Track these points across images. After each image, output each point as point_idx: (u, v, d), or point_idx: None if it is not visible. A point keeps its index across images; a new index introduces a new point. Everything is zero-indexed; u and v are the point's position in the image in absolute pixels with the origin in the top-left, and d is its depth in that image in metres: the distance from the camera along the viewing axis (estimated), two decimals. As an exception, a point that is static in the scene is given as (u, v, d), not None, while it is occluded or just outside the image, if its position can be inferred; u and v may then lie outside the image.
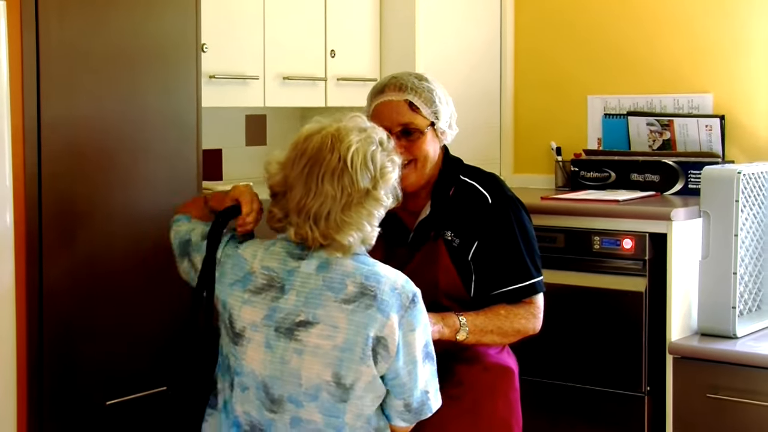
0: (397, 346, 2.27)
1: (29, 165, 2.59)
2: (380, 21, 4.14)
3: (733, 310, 3.66)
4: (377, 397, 2.32)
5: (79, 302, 2.71)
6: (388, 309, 2.26)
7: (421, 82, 2.77)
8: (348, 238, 2.29)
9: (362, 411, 2.30)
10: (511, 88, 4.68)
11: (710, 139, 4.18)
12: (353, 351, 2.26)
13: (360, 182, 2.29)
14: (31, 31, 2.57)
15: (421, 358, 2.32)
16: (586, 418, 3.87)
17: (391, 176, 2.36)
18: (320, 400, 2.29)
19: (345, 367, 2.26)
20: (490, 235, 2.76)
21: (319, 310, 2.28)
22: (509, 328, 2.74)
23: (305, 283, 2.30)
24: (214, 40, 3.36)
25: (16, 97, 2.55)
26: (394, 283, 2.29)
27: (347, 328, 2.26)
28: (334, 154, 2.30)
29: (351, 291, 2.27)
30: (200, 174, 2.99)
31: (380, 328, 2.26)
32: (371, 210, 2.32)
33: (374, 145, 2.35)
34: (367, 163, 2.31)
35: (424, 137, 2.75)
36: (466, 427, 2.76)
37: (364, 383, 2.28)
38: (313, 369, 2.28)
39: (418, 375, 2.31)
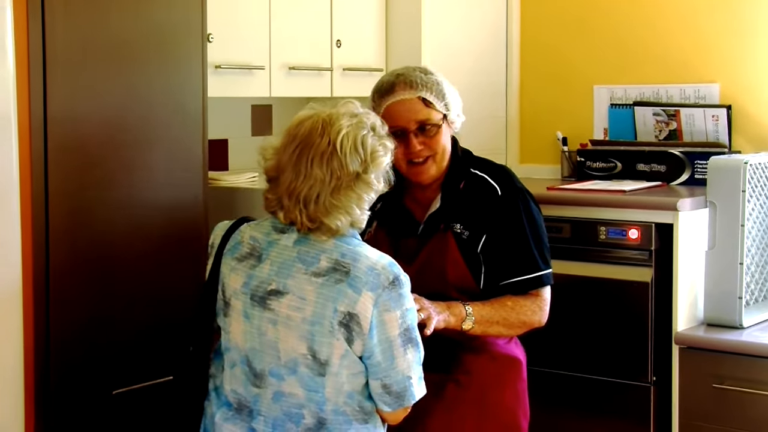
0: (370, 324, 2.28)
1: (36, 156, 2.59)
2: (386, 11, 4.14)
3: (740, 301, 3.66)
4: (353, 375, 2.32)
5: (86, 293, 2.71)
6: (360, 286, 2.27)
7: (428, 76, 2.77)
8: (336, 222, 2.31)
9: (341, 387, 2.32)
10: (517, 79, 4.67)
11: (717, 129, 4.17)
12: (322, 324, 2.28)
13: (349, 166, 2.31)
14: (37, 23, 2.57)
15: (400, 342, 2.31)
16: (592, 408, 3.87)
17: (382, 160, 2.37)
18: (299, 374, 2.31)
19: (317, 341, 2.29)
20: (499, 226, 2.76)
21: (289, 281, 2.32)
22: (515, 319, 2.75)
23: (280, 254, 2.35)
24: (219, 31, 3.36)
25: (23, 89, 2.55)
26: (374, 264, 2.30)
27: (315, 300, 2.29)
28: (324, 138, 2.32)
29: (323, 266, 2.30)
30: (206, 164, 2.99)
31: (351, 305, 2.27)
32: (361, 194, 2.34)
33: (365, 129, 2.37)
34: (357, 146, 2.33)
35: (440, 131, 2.75)
36: (473, 415, 2.77)
37: (338, 358, 2.29)
38: (288, 342, 2.31)
39: (396, 357, 2.31)
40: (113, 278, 2.77)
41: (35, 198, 2.59)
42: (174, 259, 2.90)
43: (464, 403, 2.77)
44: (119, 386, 2.78)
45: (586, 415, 3.89)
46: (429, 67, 2.84)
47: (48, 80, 2.60)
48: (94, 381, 2.74)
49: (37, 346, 2.61)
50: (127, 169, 2.80)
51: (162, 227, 2.87)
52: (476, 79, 4.40)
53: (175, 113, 2.90)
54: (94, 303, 2.73)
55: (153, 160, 2.86)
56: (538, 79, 4.65)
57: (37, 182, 2.59)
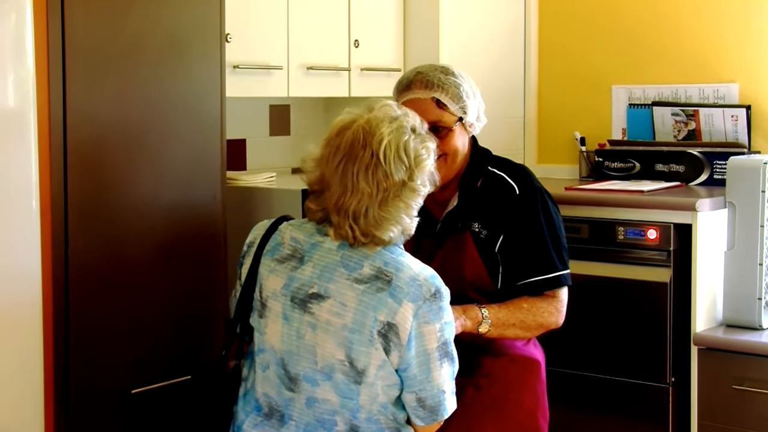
0: (409, 336, 2.26)
1: (55, 156, 2.60)
2: (404, 11, 4.14)
3: (759, 302, 3.64)
4: (389, 387, 2.31)
5: (105, 292, 2.72)
6: (402, 296, 2.26)
7: (447, 77, 2.75)
8: (388, 234, 2.30)
9: (375, 397, 2.31)
10: (535, 79, 4.66)
11: (736, 129, 4.15)
12: (362, 333, 2.26)
13: (394, 175, 2.29)
14: (57, 24, 2.58)
15: (437, 356, 2.30)
16: (611, 409, 3.86)
17: (426, 163, 2.35)
18: (335, 380, 2.30)
19: (356, 349, 2.27)
20: (517, 226, 2.75)
21: (330, 285, 2.30)
22: (532, 321, 2.74)
23: (323, 257, 2.33)
24: (238, 31, 3.37)
25: (43, 88, 2.56)
26: (416, 275, 2.29)
27: (356, 307, 2.27)
28: (367, 150, 2.29)
29: (366, 272, 2.28)
30: (224, 164, 2.99)
31: (391, 314, 2.25)
32: (409, 202, 2.32)
33: (406, 134, 2.34)
34: (400, 154, 2.30)
35: (452, 133, 2.74)
36: (494, 418, 2.76)
37: (375, 368, 2.28)
38: (326, 347, 2.29)
39: (432, 371, 2.30)
40: (132, 278, 2.78)
41: (54, 198, 2.60)
42: (192, 259, 2.90)
43: (484, 406, 2.76)
44: (138, 386, 2.79)
45: (604, 416, 3.88)
46: (453, 68, 2.81)
47: (67, 80, 2.61)
48: (113, 380, 2.74)
49: (56, 345, 2.62)
50: (146, 169, 2.80)
51: (180, 227, 2.88)
52: (494, 79, 4.39)
53: (193, 113, 2.91)
54: (113, 302, 2.74)
55: (171, 160, 2.86)
56: (556, 79, 4.64)
57: (56, 182, 2.60)
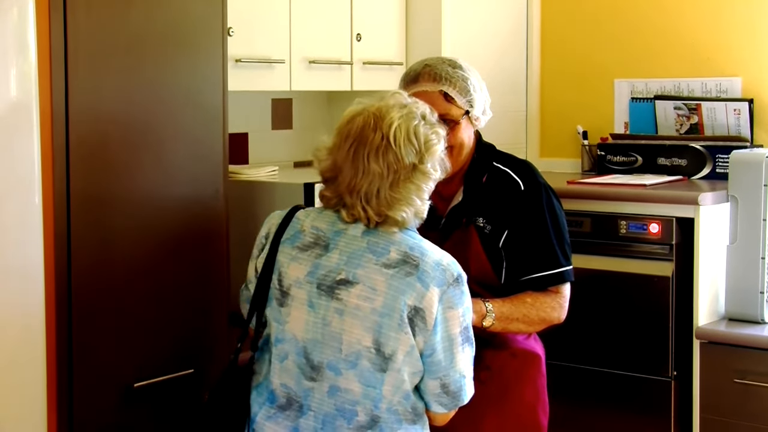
0: (435, 320, 2.28)
1: (57, 151, 2.59)
2: (406, 5, 4.13)
3: (761, 295, 3.65)
4: (414, 374, 2.32)
5: (107, 285, 2.72)
6: (429, 281, 2.28)
7: (455, 71, 2.76)
8: (401, 214, 2.32)
9: (400, 385, 2.31)
10: (537, 72, 4.66)
11: (738, 123, 4.15)
12: (392, 317, 2.27)
13: (405, 158, 2.33)
14: (59, 18, 2.58)
15: (460, 340, 2.33)
16: (613, 402, 3.87)
17: (436, 148, 2.38)
18: (359, 368, 2.30)
19: (384, 334, 2.28)
20: (521, 221, 2.76)
21: (359, 270, 2.31)
22: (535, 316, 2.74)
23: (349, 244, 2.35)
24: (240, 24, 3.36)
25: (45, 83, 2.56)
26: (440, 260, 2.32)
27: (386, 291, 2.29)
28: (377, 133, 2.33)
29: (393, 257, 2.31)
30: (226, 158, 2.99)
31: (419, 299, 2.28)
32: (420, 184, 2.35)
33: (416, 119, 2.37)
34: (410, 138, 2.34)
35: (459, 126, 2.74)
36: (494, 411, 2.77)
37: (402, 353, 2.28)
38: (353, 333, 2.29)
39: (456, 355, 2.32)
40: (134, 272, 2.78)
41: (57, 193, 2.60)
42: (195, 253, 2.91)
43: (484, 399, 2.76)
44: (141, 379, 2.79)
45: (606, 410, 3.89)
46: (460, 61, 2.81)
47: (69, 75, 2.61)
48: (115, 374, 2.75)
49: (59, 339, 2.62)
50: (148, 163, 2.80)
51: (182, 221, 2.88)
52: (497, 73, 4.39)
53: (195, 107, 2.91)
54: (115, 296, 2.74)
55: (173, 154, 2.86)
56: (558, 73, 4.64)
57: (58, 177, 2.60)
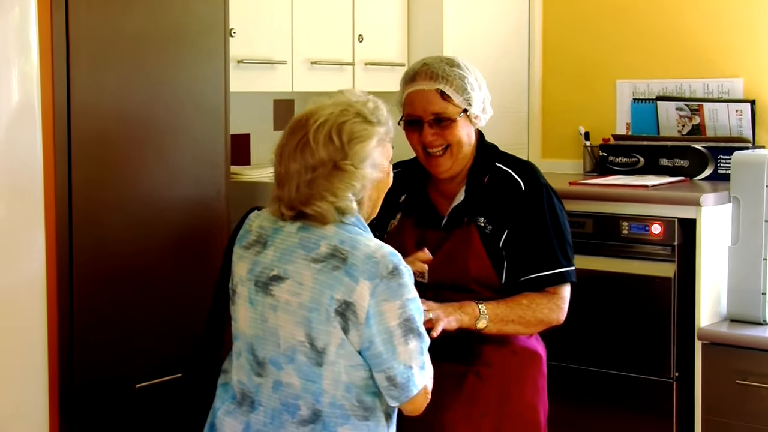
0: (367, 314, 2.25)
1: (59, 149, 2.60)
2: (408, 6, 4.14)
3: (763, 296, 3.64)
4: (352, 367, 2.30)
5: (109, 286, 2.73)
6: (357, 274, 2.26)
7: (452, 69, 2.76)
8: (314, 208, 2.31)
9: (339, 377, 2.30)
10: (539, 73, 4.66)
11: (740, 124, 4.15)
12: (319, 311, 2.27)
13: (322, 155, 2.31)
14: (61, 16, 2.59)
15: (401, 332, 2.28)
16: (614, 403, 3.86)
17: (362, 145, 2.33)
18: (297, 362, 2.30)
19: (315, 328, 2.28)
20: (522, 221, 2.76)
21: (289, 266, 2.32)
22: (531, 317, 2.73)
23: (284, 241, 2.36)
24: (242, 25, 3.36)
25: (46, 81, 2.56)
26: (373, 252, 2.28)
27: (312, 286, 2.28)
28: (301, 130, 2.34)
29: (322, 251, 2.30)
30: (228, 158, 3.00)
31: (347, 293, 2.26)
32: (342, 181, 2.32)
33: (347, 116, 2.34)
34: (331, 135, 2.32)
35: (456, 124, 2.75)
36: (493, 409, 2.77)
37: (335, 347, 2.28)
38: (287, 328, 2.31)
39: (397, 347, 2.27)
40: (136, 272, 2.78)
41: (59, 190, 2.60)
42: (196, 253, 2.91)
43: (484, 396, 2.76)
44: (142, 380, 2.80)
45: (608, 411, 3.88)
46: (459, 60, 2.81)
47: (71, 73, 2.61)
48: (117, 375, 2.75)
49: (61, 339, 2.62)
50: (150, 163, 2.81)
51: (184, 221, 2.88)
52: (498, 74, 4.39)
53: (197, 107, 2.91)
54: (117, 297, 2.74)
55: (175, 154, 2.87)
56: (560, 74, 4.64)
57: (60, 175, 2.60)
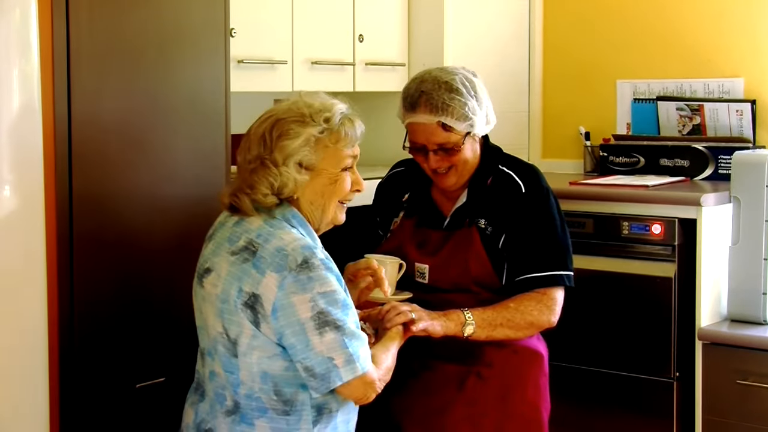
0: (274, 306, 2.26)
1: (60, 152, 2.60)
2: (408, 5, 4.13)
3: (764, 296, 3.64)
4: (268, 358, 2.30)
5: (110, 288, 2.73)
6: (265, 267, 2.27)
7: (452, 96, 2.71)
8: (234, 199, 2.37)
9: (252, 368, 2.31)
10: (539, 73, 4.66)
11: (741, 124, 4.15)
12: (228, 302, 2.31)
13: (252, 150, 2.38)
14: (62, 20, 2.58)
15: (314, 325, 2.25)
16: (615, 403, 3.86)
17: (286, 143, 2.35)
18: (219, 353, 2.35)
19: (227, 319, 2.32)
20: (520, 223, 2.76)
21: (216, 258, 2.38)
22: (521, 320, 2.71)
23: (221, 235, 2.42)
24: (242, 25, 3.36)
25: (47, 84, 2.56)
26: (284, 246, 2.29)
27: (225, 278, 2.33)
28: (251, 126, 2.43)
29: (240, 245, 2.34)
30: (228, 159, 3.00)
31: (254, 285, 2.28)
32: (259, 175, 2.35)
33: (287, 115, 2.37)
34: (264, 132, 2.37)
35: (461, 148, 2.73)
36: (495, 409, 2.77)
37: (246, 338, 2.30)
38: (210, 319, 2.37)
39: (311, 339, 2.26)
40: (136, 273, 2.78)
41: (59, 193, 2.60)
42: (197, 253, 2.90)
43: (486, 397, 2.77)
44: (142, 380, 2.80)
45: (609, 411, 3.88)
46: (457, 79, 2.73)
47: (72, 76, 2.61)
48: (117, 374, 2.75)
49: (61, 339, 2.62)
50: (150, 164, 2.81)
51: (185, 222, 2.88)
52: (499, 74, 4.39)
53: (198, 108, 2.91)
54: (117, 297, 2.74)
55: (176, 155, 2.87)
56: (560, 74, 4.64)
57: (61, 177, 2.60)
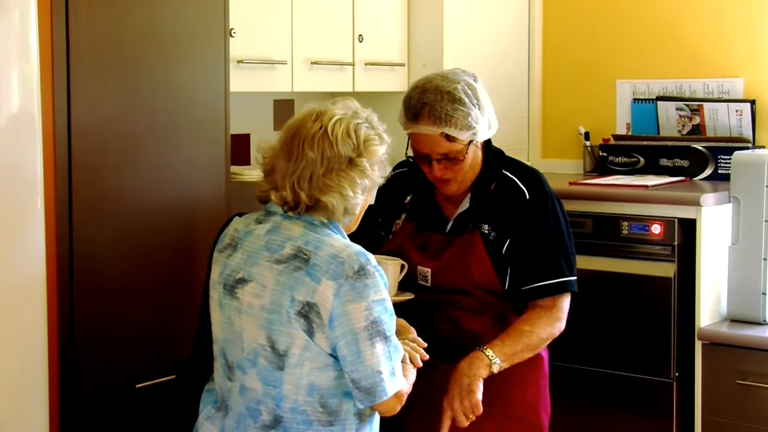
0: (331, 315, 2.21)
1: (59, 153, 2.60)
2: (408, 5, 4.13)
3: (763, 296, 3.64)
4: (318, 369, 2.26)
5: (109, 287, 2.73)
6: (320, 274, 2.22)
7: (454, 107, 2.68)
8: (332, 201, 2.28)
9: (300, 381, 2.26)
10: (539, 73, 4.66)
11: (740, 124, 4.15)
12: (280, 313, 2.24)
13: (340, 148, 2.29)
14: (61, 21, 2.59)
15: (367, 335, 2.22)
16: (615, 404, 3.86)
17: (376, 149, 2.34)
18: (258, 366, 2.27)
19: (276, 330, 2.24)
20: (524, 230, 2.75)
21: (253, 268, 2.30)
22: (536, 341, 2.73)
23: (252, 243, 2.34)
24: (242, 25, 3.36)
25: (47, 85, 2.56)
26: (338, 252, 2.24)
27: (273, 288, 2.25)
28: (317, 123, 2.32)
29: (286, 253, 2.27)
30: (228, 159, 3.00)
31: (309, 293, 2.22)
32: (354, 177, 2.30)
33: (360, 119, 2.35)
34: (349, 132, 2.32)
35: (465, 156, 2.72)
36: (495, 412, 2.76)
37: (298, 349, 2.23)
38: (249, 331, 2.28)
39: (363, 351, 2.22)
40: (136, 272, 2.78)
41: (59, 194, 2.60)
42: (197, 254, 2.91)
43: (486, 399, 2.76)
44: (142, 380, 2.80)
45: (609, 411, 3.88)
46: (459, 88, 2.71)
47: (71, 77, 2.61)
48: (117, 375, 2.75)
49: (61, 339, 2.62)
50: (150, 164, 2.81)
51: (185, 221, 2.88)
52: (498, 74, 4.39)
53: (197, 108, 2.91)
54: (117, 297, 2.74)
55: (176, 155, 2.87)
56: (560, 74, 4.64)
57: (60, 178, 2.60)
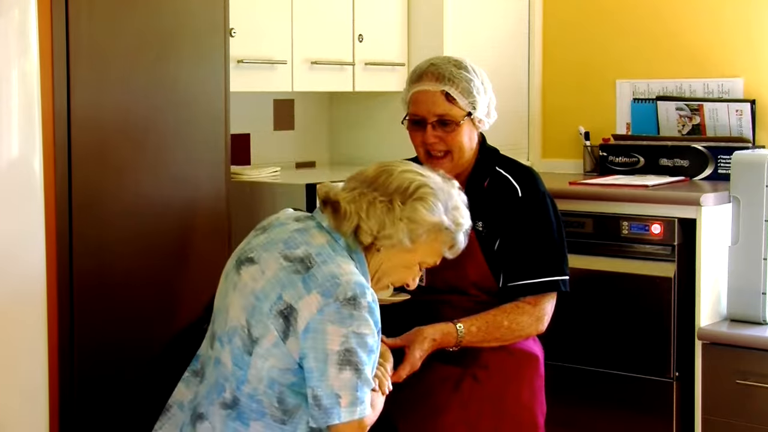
0: (308, 325, 2.22)
1: (59, 151, 2.60)
2: (408, 5, 4.14)
3: (764, 296, 3.64)
4: (281, 370, 2.27)
5: (109, 288, 2.73)
6: (313, 286, 2.24)
7: (459, 71, 2.75)
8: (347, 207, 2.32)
9: (261, 372, 2.28)
10: (539, 73, 4.66)
11: (740, 124, 4.15)
12: (264, 302, 2.27)
13: (391, 187, 2.34)
14: (61, 19, 2.58)
15: (337, 359, 2.22)
16: (615, 403, 3.86)
17: (422, 211, 2.33)
18: (233, 344, 2.32)
19: (256, 317, 2.28)
20: (515, 228, 2.76)
21: (265, 253, 2.35)
22: (510, 336, 2.75)
23: (278, 234, 2.38)
24: (242, 25, 3.36)
25: (47, 84, 2.56)
26: (339, 274, 2.25)
27: (270, 278, 2.29)
28: (401, 164, 2.42)
29: (297, 254, 2.30)
30: (228, 158, 3.00)
31: (295, 298, 2.24)
32: (383, 211, 2.32)
33: (432, 189, 2.36)
34: (409, 183, 2.35)
35: (459, 128, 2.74)
36: (490, 412, 2.76)
37: (269, 342, 2.26)
38: (235, 309, 2.33)
39: (328, 370, 2.23)
40: (136, 273, 2.78)
41: (59, 193, 2.60)
42: (197, 253, 2.91)
43: (481, 398, 2.76)
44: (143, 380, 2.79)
45: (608, 411, 3.88)
46: (467, 62, 2.80)
47: (71, 75, 2.61)
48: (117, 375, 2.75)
49: (61, 339, 2.62)
50: (150, 164, 2.81)
51: (184, 222, 2.88)
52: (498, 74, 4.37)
53: (197, 107, 2.91)
54: (117, 297, 2.74)
55: (175, 155, 2.87)
56: (560, 74, 4.64)
57: (60, 177, 2.60)
